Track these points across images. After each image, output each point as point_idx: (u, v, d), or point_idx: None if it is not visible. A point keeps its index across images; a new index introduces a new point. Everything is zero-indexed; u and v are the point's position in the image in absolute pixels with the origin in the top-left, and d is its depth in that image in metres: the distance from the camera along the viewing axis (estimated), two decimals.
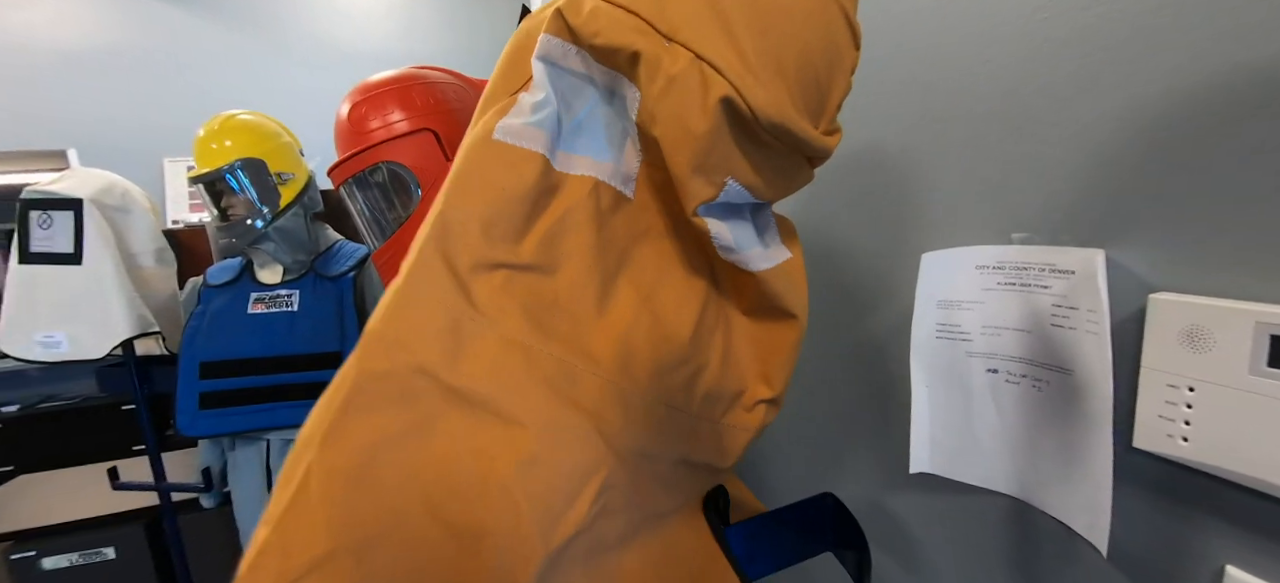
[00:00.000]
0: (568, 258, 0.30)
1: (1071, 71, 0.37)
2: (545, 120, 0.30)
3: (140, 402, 1.24)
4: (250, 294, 1.13)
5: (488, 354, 0.28)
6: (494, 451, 0.27)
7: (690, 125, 0.28)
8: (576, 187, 0.31)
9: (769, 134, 0.29)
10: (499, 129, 0.30)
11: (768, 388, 0.35)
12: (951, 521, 0.52)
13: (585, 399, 0.29)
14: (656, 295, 0.32)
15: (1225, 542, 0.32)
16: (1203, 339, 0.31)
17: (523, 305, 0.29)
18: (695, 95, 0.28)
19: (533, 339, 0.29)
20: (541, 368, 0.28)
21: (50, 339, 1.08)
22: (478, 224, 0.29)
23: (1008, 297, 0.43)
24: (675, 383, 0.31)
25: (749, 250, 0.33)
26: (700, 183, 0.29)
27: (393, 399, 0.27)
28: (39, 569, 1.47)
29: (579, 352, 0.29)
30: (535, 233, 0.30)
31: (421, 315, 0.28)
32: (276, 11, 2.89)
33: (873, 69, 0.55)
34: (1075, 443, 0.39)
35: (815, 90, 0.31)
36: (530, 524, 0.27)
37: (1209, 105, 0.30)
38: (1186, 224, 0.32)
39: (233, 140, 1.06)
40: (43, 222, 1.06)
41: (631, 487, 0.30)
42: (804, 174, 0.35)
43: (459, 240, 0.29)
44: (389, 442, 0.27)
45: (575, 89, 0.32)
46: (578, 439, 0.28)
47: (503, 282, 0.29)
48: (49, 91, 2.67)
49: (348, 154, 0.66)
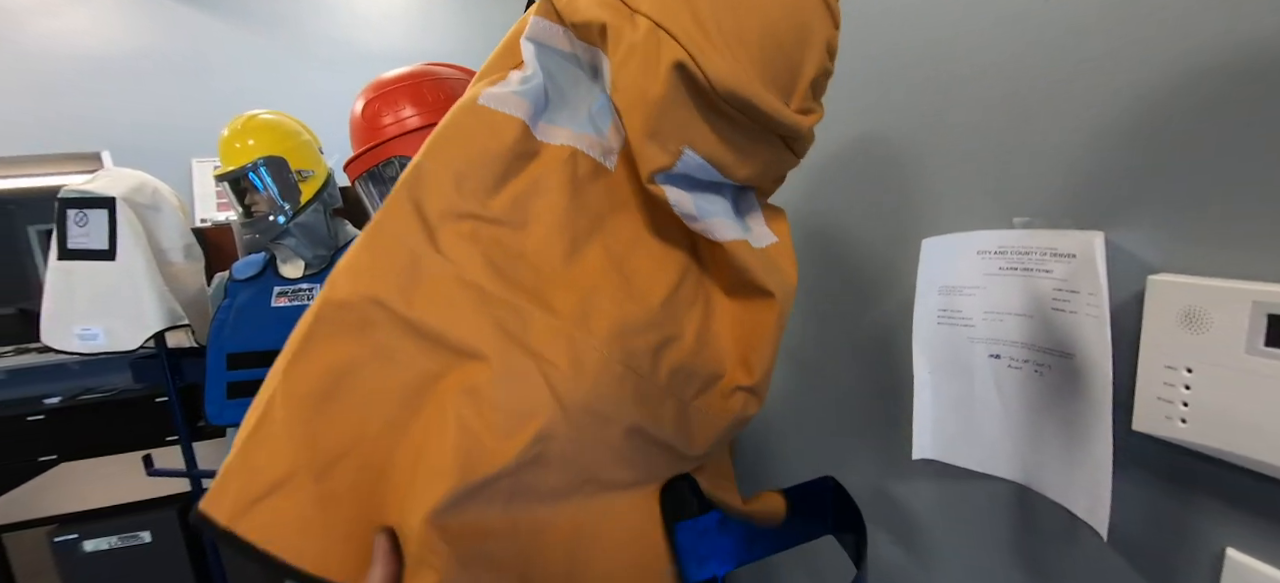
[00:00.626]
0: (538, 217, 0.32)
1: (1070, 56, 0.37)
2: (529, 92, 0.32)
3: (172, 391, 1.29)
4: (273, 288, 1.17)
5: (442, 292, 0.29)
6: (438, 375, 0.29)
7: (645, 90, 0.29)
8: (554, 154, 0.33)
9: (727, 104, 0.29)
10: (484, 95, 0.32)
11: (747, 375, 0.34)
12: (954, 506, 0.52)
13: (535, 343, 0.29)
14: (629, 260, 0.33)
15: (1226, 524, 0.32)
16: (1200, 320, 0.31)
17: (485, 253, 0.30)
18: (651, 60, 0.28)
19: (490, 283, 0.30)
20: (493, 309, 0.29)
21: (87, 332, 1.14)
22: (451, 176, 0.31)
23: (1009, 281, 0.43)
24: (639, 347, 0.31)
25: (712, 219, 0.32)
26: (654, 149, 0.30)
27: (352, 328, 0.29)
28: (80, 551, 1.55)
29: (536, 300, 0.30)
30: (507, 191, 0.31)
31: (384, 252, 0.30)
32: (298, 15, 2.96)
33: (874, 56, 0.55)
34: (1076, 427, 0.39)
35: (783, 65, 0.31)
36: (453, 452, 0.27)
37: (1206, 86, 0.30)
38: (1185, 205, 0.32)
39: (255, 139, 1.09)
40: (79, 219, 1.11)
41: (574, 444, 0.29)
42: (783, 157, 0.34)
43: (431, 188, 0.31)
44: (348, 367, 0.29)
45: (561, 66, 0.33)
46: (521, 379, 0.28)
47: (469, 231, 0.31)
48: (83, 97, 2.78)
49: (362, 149, 0.68)
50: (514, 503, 0.28)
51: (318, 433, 0.28)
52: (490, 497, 0.28)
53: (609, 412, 0.30)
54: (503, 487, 0.28)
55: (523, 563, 0.29)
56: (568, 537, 0.30)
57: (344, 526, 0.28)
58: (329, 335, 0.29)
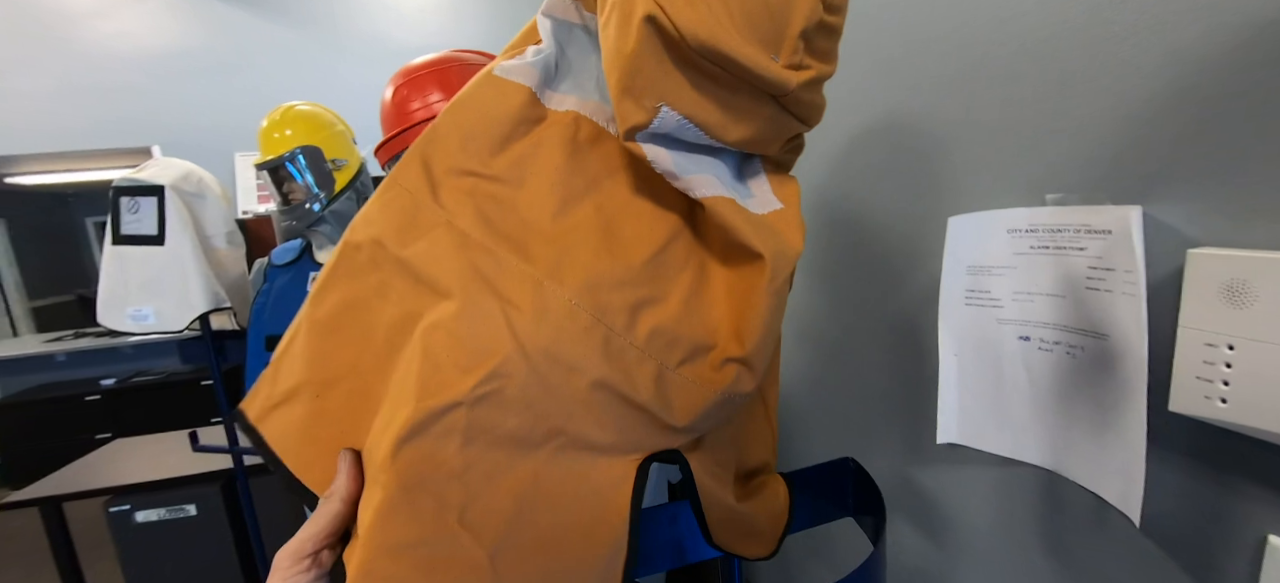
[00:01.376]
0: (534, 174, 0.33)
1: (1104, 26, 0.35)
2: (540, 62, 0.35)
3: (216, 371, 1.36)
4: (309, 273, 1.21)
5: (431, 237, 0.32)
6: (420, 314, 0.31)
7: (619, 45, 0.29)
8: (557, 118, 0.35)
9: (702, 57, 0.28)
10: (499, 67, 0.35)
11: (739, 346, 0.32)
12: (980, 492, 0.51)
13: (504, 288, 0.30)
14: (617, 220, 0.33)
15: (1267, 509, 0.31)
16: (1244, 294, 0.29)
17: (478, 206, 0.32)
18: (625, 16, 0.28)
19: (475, 231, 0.32)
20: (472, 254, 0.31)
21: (138, 312, 1.20)
22: (459, 136, 0.33)
23: (1041, 261, 0.42)
24: (613, 302, 0.31)
25: (692, 176, 0.32)
26: (630, 105, 0.29)
27: (360, 268, 0.33)
28: (133, 522, 1.64)
29: (517, 250, 0.31)
30: (510, 152, 0.33)
31: (391, 201, 0.33)
32: (335, 12, 3.05)
33: (901, 28, 0.53)
34: (1109, 410, 0.37)
35: (764, 15, 0.29)
36: (415, 380, 0.29)
37: (1244, 53, 0.29)
38: (1227, 175, 0.30)
39: (293, 129, 1.13)
40: (131, 207, 1.17)
41: (535, 388, 0.29)
42: (781, 119, 0.33)
43: (439, 147, 0.33)
44: (354, 302, 0.32)
45: (570, 36, 0.35)
46: (484, 318, 0.30)
47: (469, 186, 0.33)
48: (135, 95, 2.92)
49: (391, 133, 0.70)
50: (472, 443, 0.29)
51: (324, 356, 0.32)
52: (448, 429, 0.29)
53: (573, 361, 0.30)
54: (459, 421, 0.28)
55: (463, 506, 0.29)
56: (523, 486, 0.30)
57: (328, 442, 0.32)
58: (344, 274, 0.33)
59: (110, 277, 1.19)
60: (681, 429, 0.32)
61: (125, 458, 1.82)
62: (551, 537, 0.30)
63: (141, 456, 1.82)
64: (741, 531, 0.39)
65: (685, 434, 0.33)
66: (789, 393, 0.83)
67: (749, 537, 0.40)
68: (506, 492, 0.29)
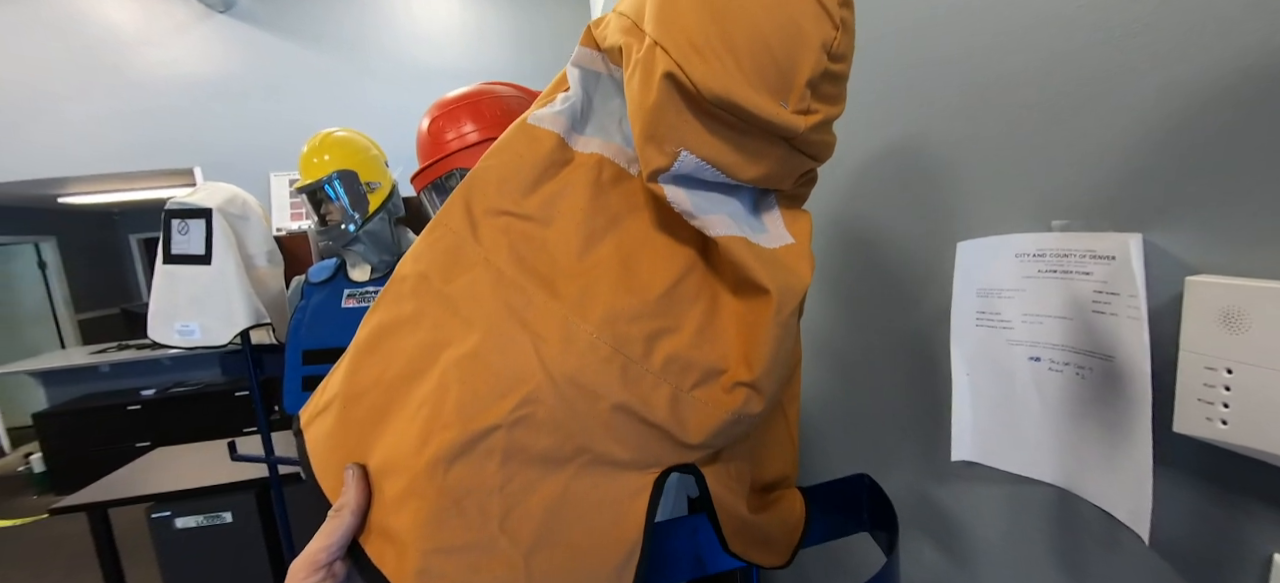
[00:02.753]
0: (561, 214, 0.37)
1: (1105, 58, 0.37)
2: (568, 110, 0.38)
3: (254, 383, 1.42)
4: (344, 290, 1.27)
5: (471, 273, 0.35)
6: (451, 343, 0.34)
7: (642, 99, 0.32)
8: (583, 161, 0.38)
9: (716, 107, 0.31)
10: (532, 116, 0.39)
11: (748, 371, 0.34)
12: (993, 509, 0.52)
13: (533, 322, 0.33)
14: (635, 256, 0.36)
15: (1272, 528, 0.32)
16: (1240, 321, 0.31)
17: (512, 244, 0.36)
18: (647, 73, 0.32)
19: (509, 268, 0.35)
20: (505, 290, 0.34)
21: (186, 328, 1.27)
22: (495, 179, 0.37)
23: (1048, 284, 0.43)
24: (631, 333, 0.33)
25: (708, 216, 0.34)
26: (652, 150, 0.33)
27: (402, 296, 0.36)
28: (173, 527, 1.71)
29: (545, 286, 0.35)
30: (540, 192, 0.37)
31: (436, 240, 0.37)
32: (365, 37, 3.18)
33: (909, 58, 0.56)
34: (1117, 429, 0.39)
35: (772, 67, 0.32)
36: (454, 404, 0.32)
37: (1241, 88, 0.30)
38: (1222, 206, 0.32)
39: (330, 154, 1.20)
40: (181, 228, 1.25)
41: (562, 412, 0.32)
42: (792, 157, 0.35)
43: (479, 189, 0.37)
44: (390, 326, 0.36)
45: (597, 85, 0.39)
46: (515, 349, 0.33)
47: (504, 225, 0.36)
48: (179, 118, 3.08)
49: (427, 163, 0.74)
50: (510, 461, 0.32)
51: (356, 372, 0.36)
52: (489, 449, 0.32)
53: (595, 387, 0.33)
54: (499, 442, 0.32)
55: (503, 515, 0.32)
56: (553, 497, 0.33)
57: (346, 452, 0.34)
58: (388, 300, 0.37)
59: (160, 294, 1.26)
60: (695, 446, 0.35)
61: (165, 466, 1.90)
62: (577, 541, 0.33)
63: (180, 464, 1.90)
64: (756, 540, 0.41)
65: (699, 450, 0.36)
66: (807, 409, 0.85)
67: (763, 546, 0.42)
68: (539, 502, 0.33)
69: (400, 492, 0.32)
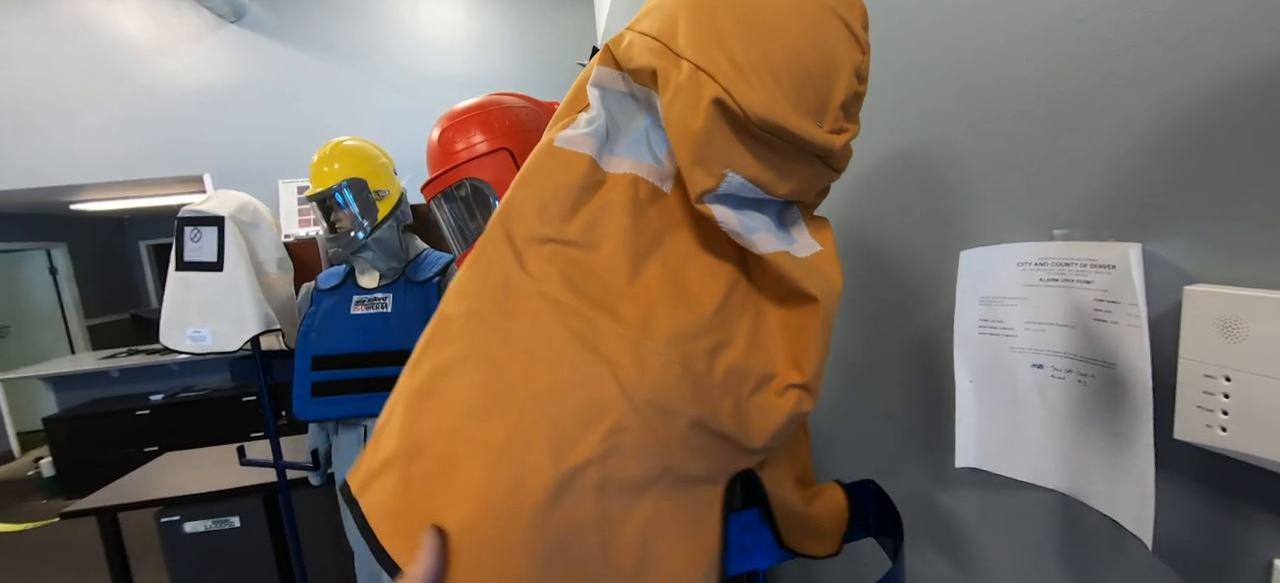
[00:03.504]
0: (606, 237, 0.36)
1: (1106, 68, 0.38)
2: (595, 132, 0.38)
3: (263, 389, 1.44)
4: (352, 297, 1.29)
5: (528, 305, 0.34)
6: (522, 380, 0.33)
7: (688, 124, 0.33)
8: (618, 182, 0.37)
9: (762, 130, 0.33)
10: (558, 138, 0.38)
11: (798, 373, 0.37)
12: (998, 515, 0.53)
13: (605, 349, 0.33)
14: (682, 274, 0.36)
15: (1273, 534, 0.32)
16: (1237, 329, 0.31)
17: (562, 271, 0.35)
18: (693, 98, 0.33)
19: (566, 297, 0.34)
20: (569, 320, 0.34)
21: (197, 334, 1.29)
22: (533, 206, 0.36)
23: (1051, 293, 0.44)
24: (694, 350, 0.34)
25: (756, 235, 0.36)
26: (700, 173, 0.34)
27: (454, 336, 0.35)
28: (181, 532, 1.72)
29: (606, 311, 0.34)
30: (580, 216, 0.36)
31: (482, 275, 0.36)
32: (372, 46, 3.22)
33: (912, 69, 0.57)
34: (1120, 436, 0.39)
35: (811, 91, 0.34)
36: (543, 443, 0.31)
37: (1238, 99, 0.31)
38: (1222, 216, 0.33)
39: (340, 163, 1.22)
40: (194, 236, 1.27)
41: (647, 435, 0.32)
42: (822, 173, 0.38)
43: (518, 218, 0.36)
44: (444, 370, 0.34)
45: (622, 106, 0.38)
46: (594, 380, 0.32)
47: (549, 253, 0.35)
48: (189, 126, 3.12)
49: (437, 172, 0.76)
50: (604, 494, 0.32)
51: (414, 425, 0.34)
52: (584, 487, 0.31)
53: (672, 407, 0.33)
54: (593, 477, 0.31)
55: (603, 550, 0.32)
56: (644, 522, 0.33)
57: (415, 512, 0.32)
58: (437, 343, 0.35)
59: (173, 300, 1.28)
60: (757, 450, 0.37)
61: (174, 471, 1.92)
62: (670, 563, 0.34)
63: (189, 469, 1.92)
64: (810, 532, 0.44)
65: (759, 455, 0.37)
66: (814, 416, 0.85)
67: (817, 537, 0.45)
68: (632, 531, 0.33)
69: (499, 546, 0.31)
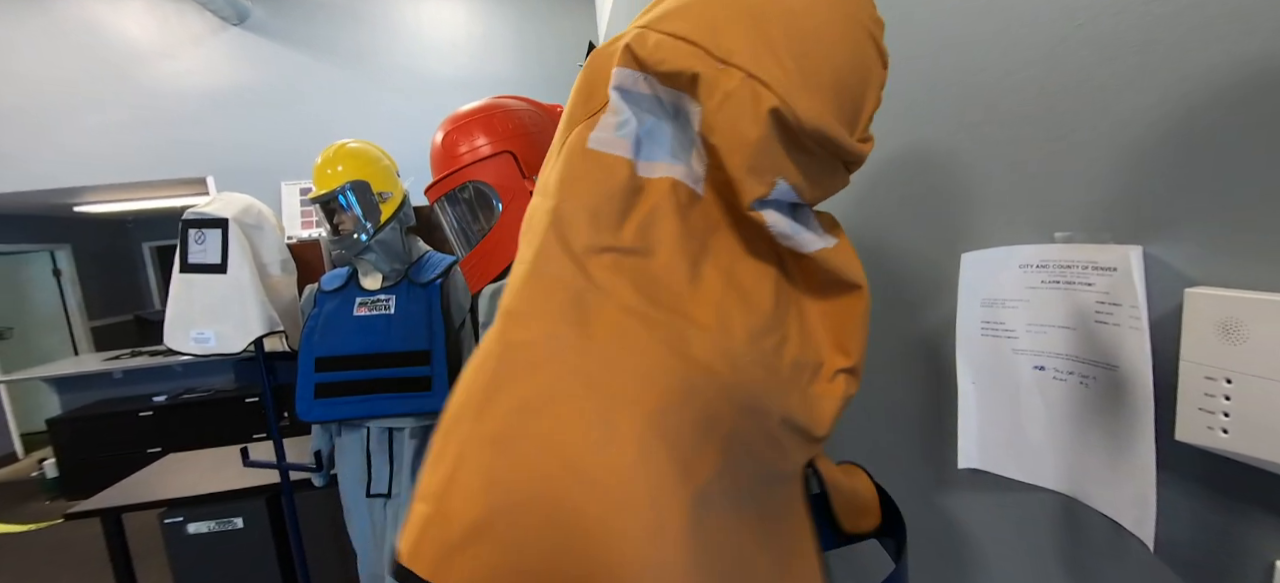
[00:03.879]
0: (660, 243, 0.34)
1: (1107, 70, 0.38)
2: (629, 134, 0.36)
3: (267, 390, 1.44)
4: (356, 298, 1.29)
5: (611, 320, 0.31)
6: (629, 400, 0.29)
7: (744, 133, 0.33)
8: (658, 185, 0.36)
9: (811, 140, 0.34)
10: (592, 140, 0.36)
11: (845, 358, 0.39)
12: (1000, 516, 0.53)
13: (700, 356, 0.31)
14: (735, 275, 0.36)
15: (1274, 536, 0.32)
16: (1238, 332, 0.32)
17: (632, 281, 0.32)
18: (748, 107, 0.33)
19: (648, 308, 0.32)
20: (659, 331, 0.31)
21: (201, 335, 1.30)
22: (586, 214, 0.34)
23: (1052, 295, 0.44)
24: (767, 347, 0.35)
25: (801, 236, 0.37)
26: (753, 182, 0.35)
27: (537, 364, 0.30)
28: (185, 532, 1.73)
29: (684, 317, 0.33)
30: (631, 223, 0.34)
31: (548, 291, 0.32)
32: (375, 49, 3.23)
33: (914, 73, 0.57)
34: (1121, 437, 0.39)
35: (850, 103, 0.36)
36: (668, 464, 0.28)
37: (1240, 101, 0.31)
38: (1222, 219, 0.33)
39: (344, 165, 1.22)
40: (198, 238, 1.28)
41: (753, 435, 0.33)
42: (841, 179, 0.40)
43: (572, 228, 0.33)
44: (533, 405, 0.29)
45: (646, 108, 0.37)
46: (701, 389, 0.31)
47: (612, 263, 0.33)
48: (192, 128, 3.14)
49: (441, 175, 0.76)
50: (727, 505, 0.31)
51: (505, 475, 0.28)
52: (710, 502, 0.30)
53: (765, 406, 0.34)
54: (720, 487, 0.31)
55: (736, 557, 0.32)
56: (755, 524, 0.34)
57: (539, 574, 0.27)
58: (512, 377, 0.30)
59: (177, 302, 1.29)
60: (821, 438, 0.39)
61: (177, 472, 1.93)
62: (780, 559, 0.36)
63: (192, 470, 1.92)
64: (859, 509, 0.46)
65: (822, 443, 0.39)
66: None
67: (865, 513, 0.47)
68: (749, 534, 0.34)
69: None
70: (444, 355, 1.24)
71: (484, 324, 0.72)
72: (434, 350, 1.24)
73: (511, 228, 0.73)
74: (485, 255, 0.74)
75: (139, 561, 1.85)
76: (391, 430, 1.29)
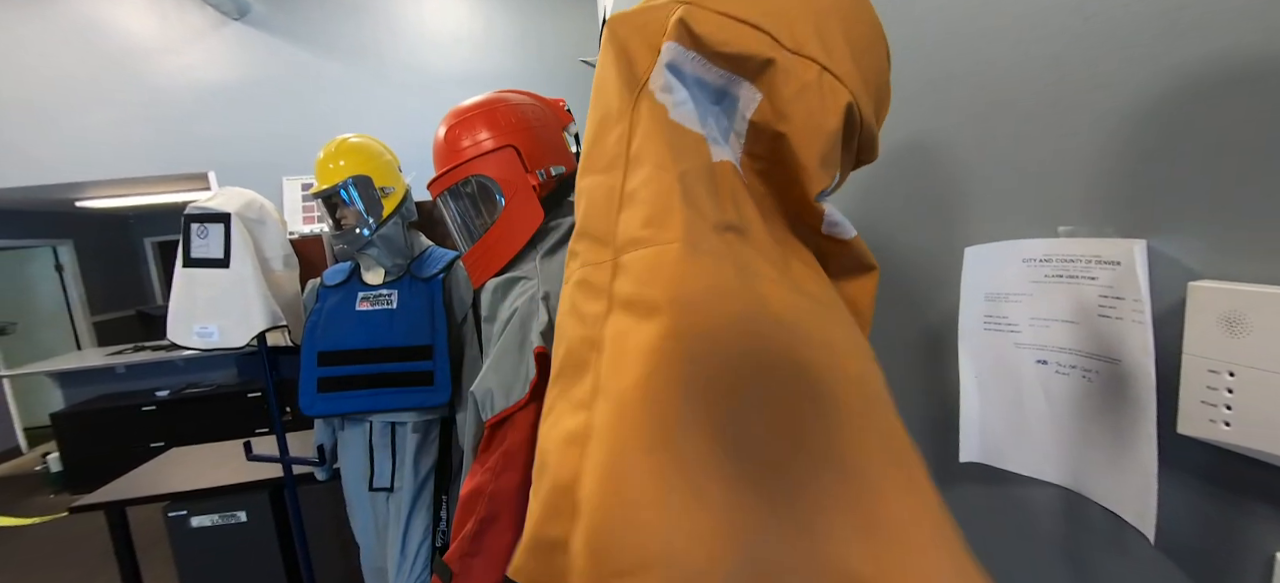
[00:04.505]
0: (750, 221, 0.35)
1: (1110, 64, 0.38)
2: (692, 112, 0.34)
3: (270, 385, 1.45)
4: (358, 293, 1.29)
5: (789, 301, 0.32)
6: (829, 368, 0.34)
7: (823, 124, 0.34)
8: (725, 167, 0.36)
9: (865, 138, 0.37)
10: (673, 111, 0.34)
11: None
12: (1001, 509, 0.53)
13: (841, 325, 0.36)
14: (794, 253, 0.39)
15: (1275, 528, 0.32)
16: (1241, 325, 0.32)
17: (765, 257, 0.33)
18: (827, 100, 0.34)
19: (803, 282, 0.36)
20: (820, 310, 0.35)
21: (204, 330, 1.30)
22: (704, 191, 0.33)
23: (1055, 289, 0.44)
24: None
25: (845, 223, 0.40)
26: (824, 173, 0.36)
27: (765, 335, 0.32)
28: (188, 526, 1.74)
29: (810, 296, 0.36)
30: (723, 200, 0.34)
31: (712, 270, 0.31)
32: (377, 44, 3.22)
33: (918, 66, 0.57)
34: (1123, 431, 0.39)
35: (881, 104, 0.40)
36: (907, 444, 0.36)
37: (1242, 96, 0.31)
38: (1225, 213, 0.33)
39: (346, 160, 1.22)
40: (201, 232, 1.28)
41: None
42: (849, 170, 0.42)
43: (700, 199, 0.32)
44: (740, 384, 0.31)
45: (692, 88, 0.35)
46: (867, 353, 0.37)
47: (735, 240, 0.33)
48: (195, 123, 3.13)
49: (443, 169, 0.76)
50: None
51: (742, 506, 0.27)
52: None
53: None
54: None
55: None
56: None
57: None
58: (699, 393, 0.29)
59: (179, 297, 1.29)
60: None
61: (181, 466, 1.93)
62: None
63: (196, 464, 1.93)
64: None
65: None
66: None
67: None
68: None
69: None
70: (446, 350, 1.24)
71: (486, 319, 0.72)
72: (436, 345, 1.24)
73: (514, 222, 0.73)
74: (488, 250, 0.74)
75: (143, 554, 1.86)
76: (394, 425, 1.29)
